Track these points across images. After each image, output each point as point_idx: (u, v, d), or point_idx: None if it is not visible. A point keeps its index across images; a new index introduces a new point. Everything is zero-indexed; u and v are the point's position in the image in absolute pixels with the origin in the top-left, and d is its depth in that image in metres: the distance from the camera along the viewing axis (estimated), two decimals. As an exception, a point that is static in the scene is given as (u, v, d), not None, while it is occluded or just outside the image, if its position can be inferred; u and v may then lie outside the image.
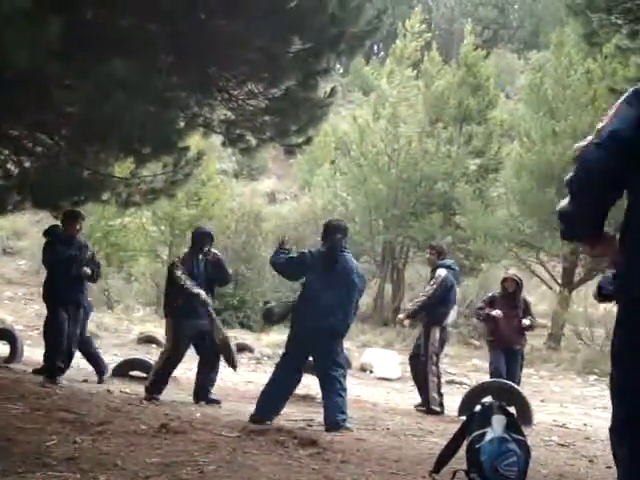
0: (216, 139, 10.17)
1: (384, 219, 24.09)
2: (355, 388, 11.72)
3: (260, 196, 34.99)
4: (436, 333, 9.48)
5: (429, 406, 9.28)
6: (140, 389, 8.78)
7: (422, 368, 9.44)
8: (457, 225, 22.64)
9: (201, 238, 8.71)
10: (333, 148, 32.45)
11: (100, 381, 9.58)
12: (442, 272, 9.59)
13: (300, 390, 9.97)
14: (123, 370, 10.44)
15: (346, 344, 16.83)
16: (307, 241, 21.77)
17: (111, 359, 11.02)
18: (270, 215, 29.56)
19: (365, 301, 21.84)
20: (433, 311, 9.51)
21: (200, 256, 8.57)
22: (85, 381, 9.64)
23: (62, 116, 8.33)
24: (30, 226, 26.99)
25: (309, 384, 10.17)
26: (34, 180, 9.66)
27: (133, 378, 10.31)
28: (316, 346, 7.14)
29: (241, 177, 37.37)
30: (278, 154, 30.87)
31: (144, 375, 10.29)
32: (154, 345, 18.09)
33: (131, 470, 4.31)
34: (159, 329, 19.14)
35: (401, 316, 10.14)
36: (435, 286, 9.49)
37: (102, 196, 10.25)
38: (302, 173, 35.19)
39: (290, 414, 7.72)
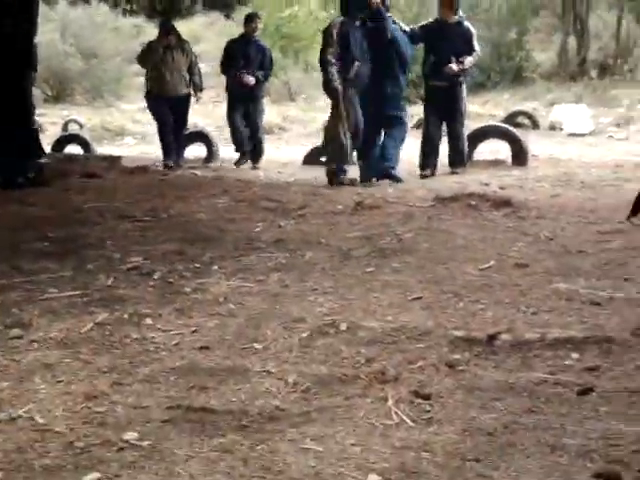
0: None
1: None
2: (547, 146, 11.54)
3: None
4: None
5: None
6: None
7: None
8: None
9: None
10: None
11: None
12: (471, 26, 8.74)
13: (489, 155, 9.97)
14: (313, 158, 10.76)
15: (533, 104, 16.36)
16: (481, 3, 20.83)
17: (299, 149, 11.35)
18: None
19: (548, 57, 20.87)
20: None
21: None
22: (279, 172, 10.04)
23: None
24: (205, 30, 27.42)
25: (498, 149, 10.12)
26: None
27: (323, 164, 10.60)
28: None
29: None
30: None
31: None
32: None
33: (334, 245, 4.58)
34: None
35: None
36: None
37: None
38: None
39: (481, 180, 7.78)
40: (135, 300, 3.51)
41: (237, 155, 10.67)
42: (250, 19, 10.28)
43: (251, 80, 9.91)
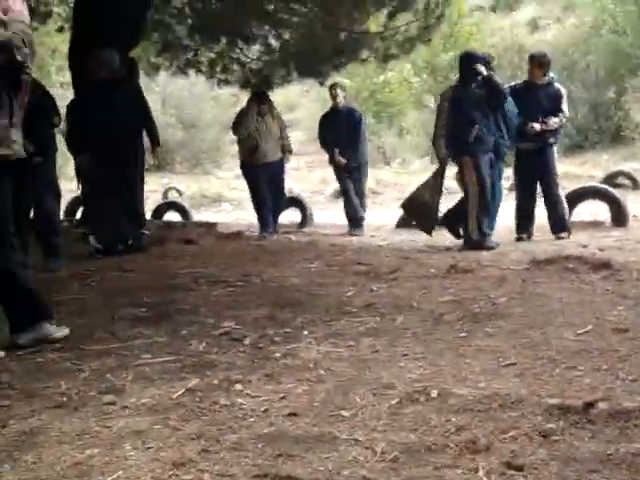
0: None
1: (660, 24, 22.09)
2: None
3: (521, 26, 33.41)
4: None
5: None
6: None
7: None
8: None
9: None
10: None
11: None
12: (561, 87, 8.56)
13: (587, 217, 9.76)
14: (406, 222, 10.74)
15: (633, 164, 15.97)
16: (578, 65, 20.71)
17: (392, 212, 11.34)
18: (534, 45, 28.23)
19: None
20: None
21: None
22: (372, 236, 10.06)
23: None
24: (300, 97, 27.96)
25: (597, 211, 9.91)
26: (295, 51, 10.03)
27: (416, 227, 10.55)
28: None
29: (499, 10, 35.81)
30: (536, -23, 29.17)
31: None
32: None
33: (426, 309, 4.52)
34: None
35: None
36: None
37: (361, 55, 10.40)
38: (564, -7, 32.91)
39: (579, 241, 7.62)
40: (226, 366, 3.53)
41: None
42: (331, 92, 10.41)
43: (343, 162, 10.07)
